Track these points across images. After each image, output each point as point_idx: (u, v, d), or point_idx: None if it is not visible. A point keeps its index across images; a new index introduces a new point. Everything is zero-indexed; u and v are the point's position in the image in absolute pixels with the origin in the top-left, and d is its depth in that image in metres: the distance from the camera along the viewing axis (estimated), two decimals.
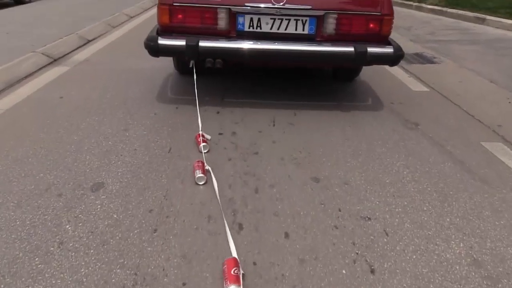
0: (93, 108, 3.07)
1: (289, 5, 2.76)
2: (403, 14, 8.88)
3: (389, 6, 2.89)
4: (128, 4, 8.68)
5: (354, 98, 3.53)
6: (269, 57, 2.87)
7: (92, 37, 5.50)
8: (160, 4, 2.83)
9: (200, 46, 2.76)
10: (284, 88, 3.71)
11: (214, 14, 2.79)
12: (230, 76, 3.96)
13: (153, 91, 3.49)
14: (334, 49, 2.83)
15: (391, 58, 2.93)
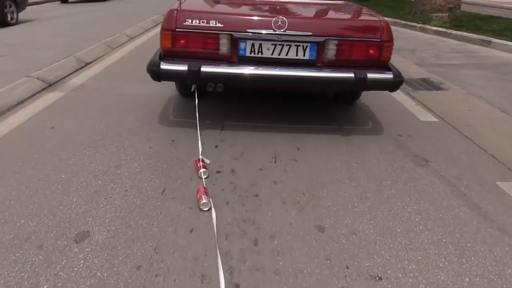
0: (85, 141, 2.91)
1: (290, 32, 2.79)
2: (407, 35, 8.80)
3: (388, 33, 2.92)
4: (129, 23, 8.61)
5: (361, 130, 3.37)
6: (270, 83, 2.91)
7: (90, 59, 5.40)
8: (163, 29, 2.87)
9: (202, 71, 2.78)
10: (285, 110, 3.59)
11: (216, 39, 2.83)
12: (231, 98, 3.90)
13: (149, 120, 3.34)
14: (334, 75, 2.87)
15: (391, 84, 2.95)
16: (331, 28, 2.90)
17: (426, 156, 2.92)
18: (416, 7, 10.18)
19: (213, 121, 3.34)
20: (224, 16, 2.89)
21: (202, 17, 2.82)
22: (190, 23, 2.80)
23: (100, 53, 5.79)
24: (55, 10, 12.11)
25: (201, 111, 3.09)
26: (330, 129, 3.32)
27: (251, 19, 2.89)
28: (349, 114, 3.73)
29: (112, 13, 11.15)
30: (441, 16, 9.45)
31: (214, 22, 2.81)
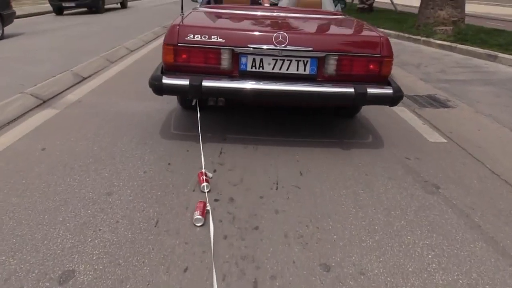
0: (76, 164, 2.77)
1: (291, 47, 2.83)
2: (411, 49, 8.69)
3: (388, 48, 2.95)
4: (129, 36, 8.53)
5: (368, 152, 3.22)
6: (271, 97, 2.96)
7: (87, 74, 5.28)
8: (165, 44, 2.90)
9: (203, 86, 2.81)
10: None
11: (217, 54, 2.87)
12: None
13: (145, 140, 3.20)
14: (334, 90, 2.89)
15: (391, 99, 2.98)
16: (331, 43, 2.94)
17: (436, 181, 2.77)
18: (419, 20, 10.09)
19: (213, 134, 3.27)
20: (226, 31, 2.93)
21: (204, 32, 2.85)
22: (192, 38, 2.84)
23: (98, 67, 5.68)
24: (50, 22, 11.87)
25: (201, 124, 3.04)
26: (335, 150, 3.17)
27: (252, 35, 2.91)
28: (355, 134, 3.59)
29: (111, 25, 11.01)
30: (445, 30, 9.35)
31: (216, 37, 2.83)
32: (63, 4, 14.11)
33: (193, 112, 3.35)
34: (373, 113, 4.11)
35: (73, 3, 14.10)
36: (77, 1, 14.16)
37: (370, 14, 14.76)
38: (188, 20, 3.15)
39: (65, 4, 14.11)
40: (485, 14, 17.75)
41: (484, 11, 19.12)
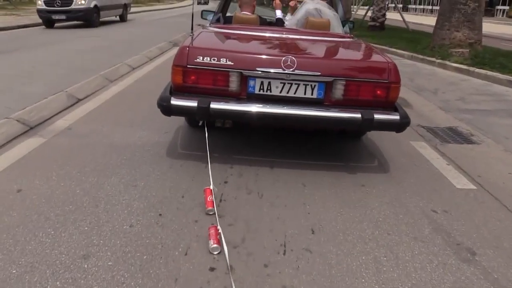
0: (53, 212, 2.42)
1: (299, 71, 2.84)
2: (426, 72, 8.33)
3: (396, 74, 2.97)
4: (133, 51, 8.25)
5: (389, 204, 2.83)
6: (278, 121, 2.99)
7: (83, 95, 4.97)
8: (174, 65, 2.94)
9: (211, 108, 2.81)
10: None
11: (226, 77, 2.89)
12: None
13: (135, 182, 2.84)
14: (341, 115, 2.91)
15: (398, 125, 3.00)
16: (339, 68, 2.98)
17: (471, 244, 2.37)
18: (434, 41, 9.76)
19: (214, 171, 2.86)
20: (235, 54, 2.95)
21: (213, 55, 2.87)
22: (201, 60, 2.86)
23: (95, 87, 5.37)
24: (40, 35, 11.37)
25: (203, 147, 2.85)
26: (352, 204, 2.79)
27: (260, 58, 2.95)
28: (375, 178, 3.19)
29: (114, 40, 10.66)
30: (462, 52, 8.99)
31: (225, 60, 2.86)
32: (53, 16, 13.21)
33: (190, 151, 3.32)
34: (393, 152, 3.74)
35: (63, 16, 13.22)
36: (68, 13, 13.20)
37: (382, 33, 14.44)
38: (197, 42, 3.17)
39: (55, 17, 13.24)
40: (500, 34, 17.38)
41: (498, 31, 18.75)
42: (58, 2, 13.03)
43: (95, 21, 13.92)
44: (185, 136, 3.81)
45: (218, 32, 3.70)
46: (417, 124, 4.72)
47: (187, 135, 3.87)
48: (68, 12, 13.15)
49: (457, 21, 9.18)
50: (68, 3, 13.11)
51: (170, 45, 10.11)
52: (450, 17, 9.22)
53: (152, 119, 4.23)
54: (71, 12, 13.18)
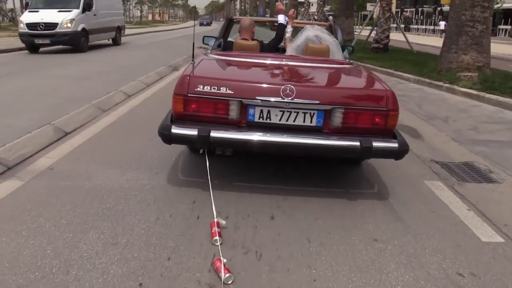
0: (15, 282, 2.06)
1: (298, 100, 2.88)
2: (434, 97, 8.01)
3: (394, 102, 3.00)
4: (130, 76, 8.00)
5: (410, 265, 2.46)
6: (278, 149, 3.00)
7: (72, 127, 4.66)
8: (175, 94, 2.97)
9: (211, 136, 2.83)
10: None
11: (226, 105, 2.92)
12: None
13: (116, 239, 2.49)
14: (340, 143, 2.93)
15: (396, 153, 3.02)
16: (338, 96, 3.01)
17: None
18: (441, 64, 9.47)
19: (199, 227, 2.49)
20: (235, 83, 2.98)
21: (214, 84, 2.91)
22: (201, 89, 2.90)
23: (86, 118, 5.07)
24: (24, 61, 10.78)
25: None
26: (365, 266, 2.41)
27: (260, 87, 2.97)
28: (388, 231, 2.82)
29: (110, 64, 10.27)
30: (470, 76, 8.69)
31: (225, 89, 2.89)
32: (36, 40, 12.42)
33: (181, 196, 3.03)
34: (407, 194, 3.38)
35: (47, 40, 12.39)
36: (52, 37, 12.36)
37: (386, 55, 14.22)
38: (198, 71, 3.21)
39: (38, 41, 12.44)
40: (505, 55, 17.17)
41: (502, 51, 18.54)
42: (42, 25, 12.30)
43: (83, 45, 13.20)
44: (177, 178, 3.47)
45: (219, 59, 3.73)
46: (430, 159, 4.37)
47: (180, 175, 3.54)
48: (53, 36, 12.37)
49: (464, 44, 8.91)
50: (52, 26, 12.37)
51: (170, 69, 9.87)
52: (458, 40, 8.96)
53: (144, 155, 3.91)
54: (55, 36, 12.40)
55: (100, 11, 14.62)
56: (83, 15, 13.29)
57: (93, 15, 13.95)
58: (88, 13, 13.62)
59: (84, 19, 13.34)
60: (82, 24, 13.14)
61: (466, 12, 8.75)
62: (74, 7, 13.07)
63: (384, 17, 14.96)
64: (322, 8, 31.06)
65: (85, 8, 13.40)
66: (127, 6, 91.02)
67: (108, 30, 15.60)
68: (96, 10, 14.22)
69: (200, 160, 3.86)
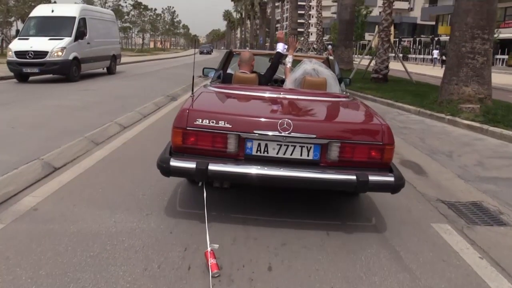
0: None
1: (295, 134, 2.93)
2: (436, 130, 7.87)
3: (390, 137, 3.05)
4: (127, 107, 7.89)
5: None
6: (275, 182, 3.02)
7: (62, 162, 4.48)
8: (174, 127, 3.03)
9: (209, 170, 2.86)
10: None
11: (224, 139, 2.97)
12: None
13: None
14: (337, 177, 2.96)
15: (392, 187, 3.04)
16: (334, 131, 3.06)
17: None
18: (442, 95, 9.39)
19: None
20: (233, 117, 3.03)
21: (212, 117, 2.96)
22: (200, 123, 2.96)
23: (77, 152, 4.89)
24: (18, 90, 10.38)
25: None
26: None
27: (258, 121, 3.01)
28: (393, 285, 2.60)
29: (106, 94, 10.03)
30: (472, 108, 8.60)
31: (223, 123, 2.94)
32: (24, 69, 11.96)
33: (172, 243, 2.85)
34: (415, 241, 3.17)
35: (36, 69, 11.94)
36: (42, 66, 11.90)
37: (385, 85, 14.22)
38: (197, 104, 3.27)
39: (27, 70, 11.98)
40: (504, 85, 17.19)
41: (501, 81, 18.59)
42: (31, 54, 11.86)
43: (74, 75, 12.69)
44: (169, 221, 3.26)
45: (218, 92, 3.79)
46: (436, 198, 4.18)
47: (172, 217, 3.33)
48: (42, 64, 11.91)
49: (465, 75, 8.86)
50: (42, 55, 11.94)
51: (168, 99, 9.78)
52: (458, 72, 8.92)
53: (135, 194, 3.72)
54: (45, 65, 11.95)
55: (95, 39, 14.30)
56: (76, 43, 12.94)
57: (86, 43, 13.64)
58: (81, 41, 13.28)
59: (77, 47, 12.97)
60: (74, 53, 12.77)
61: (466, 44, 8.75)
62: (66, 35, 12.73)
63: (383, 48, 15.07)
64: (321, 38, 31.51)
65: (77, 36, 13.08)
66: (129, 34, 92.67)
67: (102, 59, 15.23)
68: (90, 38, 13.91)
69: (194, 196, 3.69)
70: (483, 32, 8.63)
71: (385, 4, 14.99)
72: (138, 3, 76.48)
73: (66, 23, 12.98)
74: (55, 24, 12.88)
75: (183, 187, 3.95)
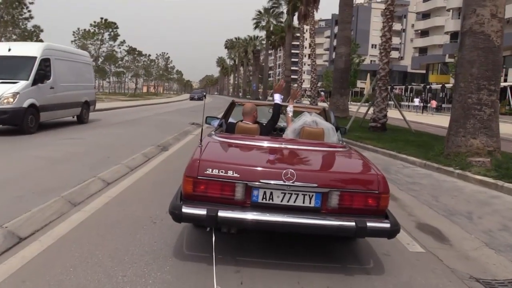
0: None
1: (298, 183, 3.19)
2: (448, 186, 7.36)
3: (385, 186, 3.33)
4: (112, 159, 7.32)
5: None
6: (280, 228, 3.27)
7: (29, 231, 3.85)
8: (186, 176, 3.25)
9: (219, 216, 3.08)
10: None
11: (232, 187, 3.22)
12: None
13: None
14: (337, 224, 3.20)
15: (388, 233, 3.29)
16: (334, 180, 3.33)
17: None
18: (448, 148, 8.98)
19: None
20: (240, 167, 3.27)
21: (221, 167, 3.21)
22: (210, 172, 3.20)
23: (50, 217, 4.27)
24: None
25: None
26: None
27: (264, 170, 3.29)
28: None
29: (92, 144, 9.25)
30: (482, 162, 8.16)
31: (232, 173, 3.19)
32: None
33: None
34: None
35: None
36: None
37: (385, 135, 13.88)
38: (207, 154, 3.50)
39: None
40: (504, 135, 16.93)
41: (506, 131, 18.38)
42: None
43: (29, 126, 10.66)
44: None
45: (224, 142, 4.04)
46: (469, 275, 3.61)
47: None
48: None
49: (473, 127, 8.50)
50: None
51: (158, 150, 9.22)
52: (465, 123, 8.56)
53: (113, 276, 3.08)
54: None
55: (61, 83, 12.39)
56: (34, 88, 10.93)
57: (49, 88, 11.73)
58: (42, 86, 11.31)
59: (35, 92, 10.95)
60: (31, 99, 10.72)
61: (473, 95, 8.47)
62: (22, 78, 10.76)
63: (381, 97, 14.89)
64: (315, 85, 31.75)
65: (37, 80, 11.08)
66: (122, 79, 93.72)
67: (70, 106, 13.16)
68: (54, 81, 11.99)
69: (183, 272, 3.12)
70: (489, 83, 8.38)
71: (382, 53, 14.98)
72: (133, 49, 77.85)
73: (24, 64, 11.07)
74: (11, 65, 11.05)
75: (171, 266, 3.33)
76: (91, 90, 15.47)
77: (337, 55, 20.89)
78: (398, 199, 6.18)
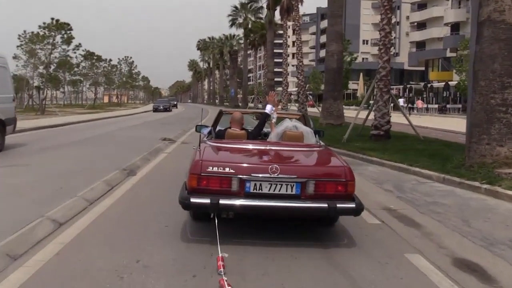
0: None
1: (281, 175, 4.55)
2: (476, 204, 6.96)
3: (351, 174, 4.73)
4: (66, 191, 6.69)
5: None
6: (268, 211, 4.71)
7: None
8: (191, 173, 4.63)
9: (220, 203, 4.43)
10: None
11: (229, 181, 4.57)
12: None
13: None
14: (313, 205, 4.63)
15: (354, 211, 4.71)
16: (310, 172, 4.82)
17: None
18: (470, 158, 8.64)
19: None
20: (235, 165, 4.70)
21: (220, 166, 4.62)
22: (211, 170, 4.57)
23: (28, 244, 3.68)
24: None
25: None
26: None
27: (254, 167, 4.73)
28: None
29: (43, 172, 8.62)
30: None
31: (228, 169, 4.57)
32: None
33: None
34: None
35: None
36: None
37: (390, 143, 13.52)
38: (206, 156, 4.88)
39: None
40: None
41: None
42: None
43: None
44: None
45: (217, 146, 5.38)
46: None
47: None
48: None
49: (498, 133, 8.21)
50: None
51: (124, 175, 8.57)
52: (489, 129, 8.28)
53: None
54: None
55: None
56: None
57: None
58: None
59: None
60: None
61: (496, 95, 8.21)
62: None
63: (382, 100, 14.59)
64: (303, 89, 31.48)
65: None
66: (79, 88, 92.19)
67: None
68: None
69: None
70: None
71: (382, 50, 14.72)
72: (90, 53, 76.58)
73: None
74: None
75: None
76: (8, 105, 12.23)
77: (328, 54, 20.69)
78: (421, 226, 5.75)
